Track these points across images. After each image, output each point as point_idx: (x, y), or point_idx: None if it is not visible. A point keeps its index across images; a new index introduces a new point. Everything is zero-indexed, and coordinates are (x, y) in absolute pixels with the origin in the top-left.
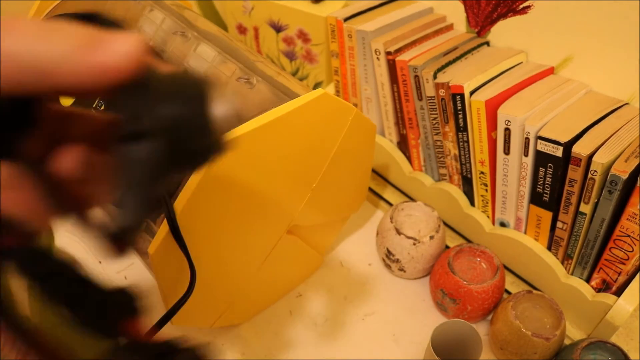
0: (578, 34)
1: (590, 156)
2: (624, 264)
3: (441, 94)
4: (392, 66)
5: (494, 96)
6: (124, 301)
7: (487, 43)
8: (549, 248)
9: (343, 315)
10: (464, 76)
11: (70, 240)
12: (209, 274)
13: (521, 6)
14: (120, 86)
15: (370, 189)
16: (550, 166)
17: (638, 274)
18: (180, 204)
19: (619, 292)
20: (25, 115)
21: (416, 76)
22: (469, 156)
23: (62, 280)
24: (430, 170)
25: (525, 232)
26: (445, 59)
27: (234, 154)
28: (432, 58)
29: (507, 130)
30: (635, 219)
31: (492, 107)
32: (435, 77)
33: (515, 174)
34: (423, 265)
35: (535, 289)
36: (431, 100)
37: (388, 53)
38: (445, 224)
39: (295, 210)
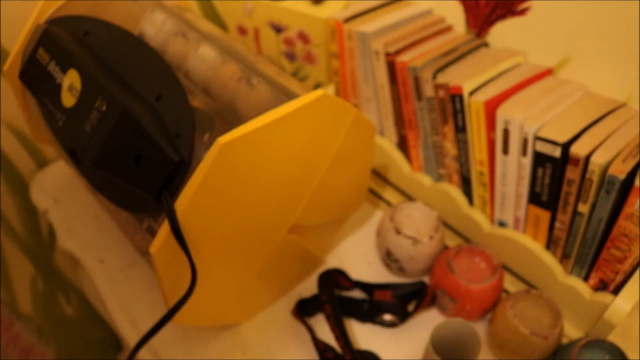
0: (576, 35)
1: (588, 156)
2: (621, 263)
3: (440, 94)
4: (391, 67)
5: (492, 97)
6: None
7: (486, 44)
8: (548, 247)
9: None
10: (463, 77)
11: (71, 240)
12: (210, 274)
13: (520, 8)
14: None
15: (370, 189)
16: (548, 166)
17: (635, 273)
18: (181, 204)
19: (616, 292)
20: None
21: (416, 77)
22: (468, 156)
23: None
24: (430, 171)
25: (523, 232)
26: (445, 60)
27: (235, 154)
28: (432, 59)
29: (506, 131)
30: (633, 218)
31: (491, 108)
32: (434, 78)
33: (513, 174)
34: (422, 265)
35: (534, 288)
36: (430, 101)
37: (388, 54)
38: (444, 223)
39: (295, 210)
